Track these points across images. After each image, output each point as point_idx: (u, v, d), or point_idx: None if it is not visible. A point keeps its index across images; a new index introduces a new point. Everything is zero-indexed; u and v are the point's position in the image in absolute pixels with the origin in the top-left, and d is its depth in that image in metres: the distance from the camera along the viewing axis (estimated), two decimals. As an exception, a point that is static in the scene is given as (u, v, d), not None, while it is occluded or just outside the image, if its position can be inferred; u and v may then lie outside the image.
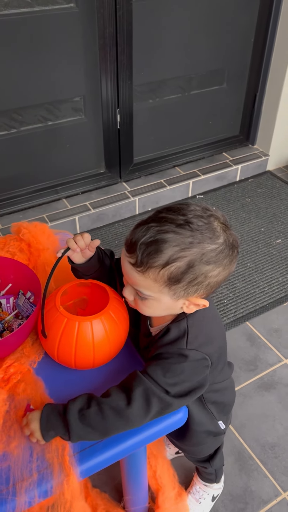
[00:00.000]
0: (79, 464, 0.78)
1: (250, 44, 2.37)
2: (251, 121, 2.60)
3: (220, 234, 0.75)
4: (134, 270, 0.75)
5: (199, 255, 0.72)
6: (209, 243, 0.73)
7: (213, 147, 2.59)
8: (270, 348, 1.70)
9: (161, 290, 0.76)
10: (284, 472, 1.33)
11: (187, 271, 0.73)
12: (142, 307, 0.81)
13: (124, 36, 1.95)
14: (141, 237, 0.73)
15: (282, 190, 2.55)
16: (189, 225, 0.73)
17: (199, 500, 1.23)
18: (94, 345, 0.86)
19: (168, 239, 0.72)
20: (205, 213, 0.75)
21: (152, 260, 0.72)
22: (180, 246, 0.72)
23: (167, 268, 0.72)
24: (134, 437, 0.84)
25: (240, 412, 1.48)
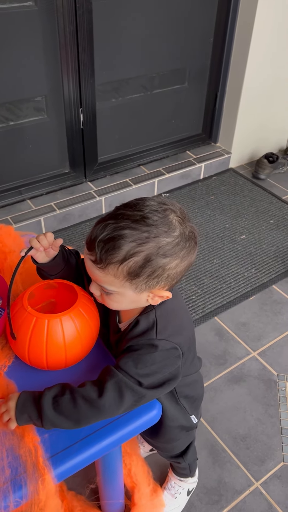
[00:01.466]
0: (54, 468, 0.78)
1: (210, 44, 2.40)
2: (213, 120, 2.65)
3: (176, 227, 0.77)
4: (95, 267, 0.77)
5: (155, 249, 0.74)
6: (165, 236, 0.75)
7: (177, 146, 2.62)
8: (238, 342, 1.73)
9: (123, 285, 0.77)
10: (256, 462, 1.37)
11: (145, 265, 0.75)
12: (109, 302, 0.83)
13: (85, 35, 1.94)
14: (99, 234, 0.75)
15: (245, 187, 2.60)
16: (145, 220, 0.74)
17: (175, 495, 1.24)
18: (65, 343, 0.85)
19: (124, 235, 0.73)
20: (161, 207, 0.77)
21: (110, 257, 0.74)
22: (136, 242, 0.73)
23: (125, 263, 0.74)
24: (109, 437, 0.83)
25: (211, 406, 1.51)
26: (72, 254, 0.97)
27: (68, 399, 0.77)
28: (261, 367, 1.64)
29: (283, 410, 1.50)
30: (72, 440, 0.81)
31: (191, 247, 0.79)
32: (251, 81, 2.45)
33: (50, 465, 0.77)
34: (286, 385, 1.58)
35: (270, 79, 2.53)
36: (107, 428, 0.84)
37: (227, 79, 2.50)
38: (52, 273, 0.94)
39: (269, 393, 1.56)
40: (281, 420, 1.48)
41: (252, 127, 2.66)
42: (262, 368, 1.64)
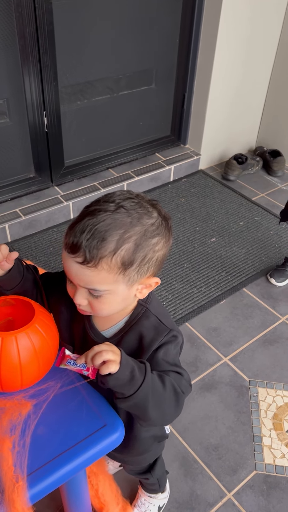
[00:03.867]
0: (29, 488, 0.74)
1: (176, 44, 2.37)
2: (181, 121, 2.62)
3: (152, 209, 0.76)
4: (84, 268, 0.73)
5: (142, 231, 0.73)
6: (147, 218, 0.74)
7: (146, 148, 2.58)
8: (209, 348, 1.71)
9: (116, 280, 0.74)
10: (228, 472, 1.34)
11: (136, 249, 0.73)
12: (98, 306, 0.78)
13: (46, 36, 1.88)
14: (81, 233, 0.72)
15: (215, 189, 2.59)
16: (122, 207, 0.73)
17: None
18: (20, 363, 0.80)
19: (108, 226, 0.71)
20: (131, 195, 0.77)
21: (101, 251, 0.71)
22: (122, 229, 0.72)
23: (118, 253, 0.72)
24: (74, 460, 0.79)
25: (183, 416, 1.48)
26: (29, 269, 0.92)
27: (157, 377, 0.77)
28: (232, 373, 1.62)
29: (255, 416, 1.49)
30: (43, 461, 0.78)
31: (170, 227, 0.79)
32: (219, 81, 2.43)
33: (26, 483, 0.74)
34: (257, 391, 1.56)
35: (237, 79, 2.52)
36: (70, 451, 0.80)
37: (194, 79, 2.48)
38: (7, 288, 0.89)
39: (241, 399, 1.54)
40: (253, 427, 1.46)
41: (220, 128, 2.65)
42: (233, 374, 1.62)
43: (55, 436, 0.82)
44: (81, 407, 0.86)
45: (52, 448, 0.80)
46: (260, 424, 1.47)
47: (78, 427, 0.84)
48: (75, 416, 0.85)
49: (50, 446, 0.81)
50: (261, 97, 2.74)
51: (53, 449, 0.80)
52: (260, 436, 1.44)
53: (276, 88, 2.67)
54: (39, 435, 0.82)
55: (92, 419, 0.85)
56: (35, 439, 0.81)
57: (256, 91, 2.68)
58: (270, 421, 1.48)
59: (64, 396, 0.87)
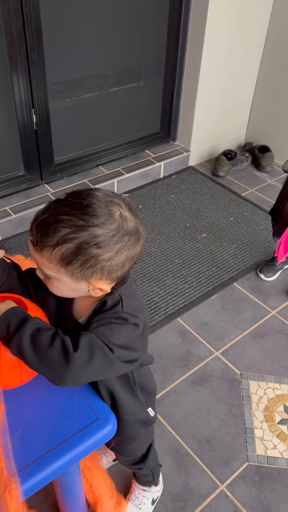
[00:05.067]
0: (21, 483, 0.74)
1: (164, 41, 2.38)
2: (170, 118, 2.63)
3: (115, 220, 0.76)
4: (33, 249, 0.78)
5: (88, 238, 0.74)
6: (101, 227, 0.75)
7: (135, 145, 2.59)
8: (201, 342, 1.72)
9: (58, 270, 0.77)
10: (221, 464, 1.36)
11: (77, 253, 0.75)
12: (50, 287, 0.83)
13: (33, 33, 1.87)
14: (40, 217, 0.76)
15: (205, 185, 2.60)
16: (85, 209, 0.75)
17: (139, 506, 1.22)
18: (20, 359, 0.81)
19: (61, 220, 0.74)
20: (105, 199, 0.77)
21: (45, 240, 0.75)
22: (71, 228, 0.74)
23: (58, 248, 0.75)
24: (67, 454, 0.80)
25: (175, 410, 1.49)
26: (13, 265, 0.92)
27: (49, 336, 0.76)
28: (224, 367, 1.64)
29: (247, 409, 1.51)
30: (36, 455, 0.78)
31: (131, 243, 0.78)
32: (207, 78, 2.44)
33: (18, 479, 0.74)
34: (249, 384, 1.58)
35: (225, 75, 2.53)
36: (62, 446, 0.81)
37: (182, 76, 2.48)
38: None
39: (233, 392, 1.55)
40: (244, 419, 1.48)
41: (209, 124, 2.66)
42: (225, 367, 1.63)
43: (47, 431, 0.83)
44: (73, 402, 0.87)
45: (44, 443, 0.81)
46: (251, 417, 1.48)
47: (70, 421, 0.84)
48: (66, 411, 0.85)
49: (42, 441, 0.81)
50: (249, 93, 2.75)
51: (45, 443, 0.81)
52: (252, 428, 1.45)
53: (264, 84, 2.69)
54: (31, 430, 0.82)
55: (83, 413, 0.85)
56: (27, 434, 0.82)
57: (244, 87, 2.70)
58: (261, 413, 1.49)
59: (55, 391, 0.87)
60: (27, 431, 0.82)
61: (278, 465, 1.36)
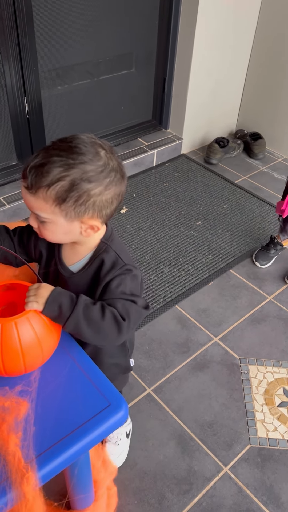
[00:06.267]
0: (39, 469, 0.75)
1: (155, 28, 2.35)
2: (162, 106, 2.61)
3: (101, 158, 0.83)
4: (27, 193, 0.83)
5: (79, 174, 0.81)
6: (90, 164, 0.81)
7: (128, 133, 2.57)
8: (200, 329, 1.74)
9: (53, 211, 0.83)
10: (224, 447, 1.38)
11: (70, 189, 0.81)
12: (44, 232, 0.88)
13: (25, 19, 1.84)
14: (31, 162, 0.81)
15: (198, 173, 2.60)
16: (72, 149, 0.81)
17: (116, 443, 1.30)
18: (22, 348, 0.81)
19: (53, 161, 0.80)
20: (90, 140, 0.84)
21: (39, 181, 0.80)
22: (63, 167, 0.80)
23: (52, 187, 0.80)
24: (81, 441, 0.80)
25: (177, 396, 1.51)
26: (2, 229, 1.01)
27: (98, 309, 0.85)
28: (223, 352, 1.65)
29: (247, 393, 1.53)
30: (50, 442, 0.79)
31: (117, 179, 0.85)
32: (198, 65, 2.43)
33: (35, 465, 0.75)
34: (248, 368, 1.60)
35: (217, 62, 2.52)
36: (76, 432, 0.81)
37: (174, 63, 2.47)
38: None
39: (233, 377, 1.58)
40: (245, 403, 1.50)
41: (201, 111, 2.65)
42: (224, 353, 1.65)
43: (60, 418, 0.83)
44: (85, 389, 0.87)
45: (58, 430, 0.81)
46: (252, 400, 1.51)
47: (83, 408, 0.85)
48: (79, 398, 0.86)
49: (56, 428, 0.82)
50: (241, 80, 2.75)
51: (59, 431, 0.81)
52: (252, 411, 1.48)
53: (255, 71, 2.68)
54: (45, 418, 0.83)
55: (96, 399, 0.86)
56: (40, 421, 0.82)
57: (236, 75, 2.69)
58: (261, 396, 1.52)
59: (67, 378, 0.88)
60: (40, 418, 0.82)
61: (279, 446, 1.39)
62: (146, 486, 1.28)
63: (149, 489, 1.28)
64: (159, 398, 1.49)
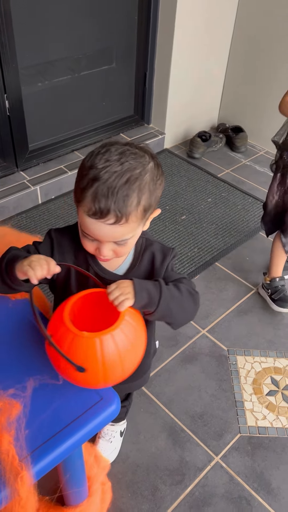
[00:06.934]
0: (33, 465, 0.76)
1: (135, 22, 2.35)
2: (144, 100, 2.61)
3: (144, 153, 0.81)
4: (116, 226, 0.79)
5: (151, 177, 0.80)
6: (147, 163, 0.80)
7: (110, 129, 2.56)
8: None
9: (139, 224, 0.82)
10: (214, 437, 1.40)
11: (151, 195, 0.81)
12: (123, 251, 0.85)
13: (2, 15, 1.81)
14: (105, 198, 0.76)
15: (181, 167, 2.61)
16: (126, 161, 0.77)
17: (110, 440, 1.31)
18: (120, 356, 0.79)
19: (126, 183, 0.76)
20: (123, 145, 0.81)
21: (129, 208, 0.77)
22: (137, 181, 0.77)
23: (141, 204, 0.79)
24: (73, 436, 0.81)
25: (167, 389, 1.52)
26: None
27: (174, 287, 0.86)
28: (211, 344, 1.67)
29: (236, 383, 1.55)
30: (44, 438, 0.79)
31: (159, 163, 0.86)
32: (179, 59, 2.43)
33: (29, 462, 0.75)
34: (236, 359, 1.63)
35: (197, 56, 2.52)
36: (69, 428, 0.81)
37: (154, 57, 2.47)
38: None
39: (221, 368, 1.60)
40: (234, 393, 1.52)
41: (183, 106, 2.66)
42: (212, 344, 1.67)
43: (52, 414, 0.83)
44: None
45: (50, 426, 0.82)
46: (241, 390, 1.53)
47: (75, 403, 0.85)
48: (71, 393, 0.86)
49: (49, 424, 0.82)
50: (221, 74, 2.76)
51: (52, 426, 0.81)
52: (242, 401, 1.50)
53: (235, 65, 2.70)
54: (37, 414, 0.83)
55: (88, 394, 0.86)
56: (33, 417, 0.82)
57: (216, 68, 2.70)
58: (250, 386, 1.54)
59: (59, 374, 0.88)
60: (32, 414, 0.82)
61: (268, 434, 1.42)
62: (139, 479, 1.29)
63: (142, 481, 1.29)
64: (149, 391, 1.50)
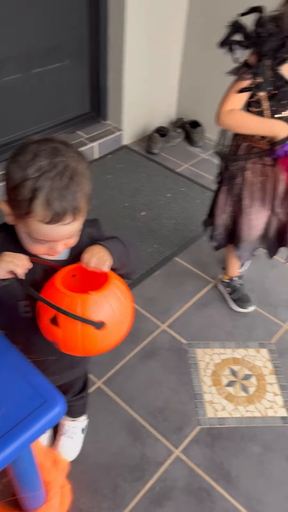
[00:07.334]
0: None
1: (85, 18, 2.32)
2: (99, 97, 2.59)
3: (64, 147, 0.82)
4: (73, 223, 0.81)
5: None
6: (76, 154, 0.82)
7: (66, 127, 2.53)
8: (148, 318, 1.76)
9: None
10: (174, 431, 1.41)
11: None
12: (73, 242, 0.89)
13: None
14: (58, 201, 0.77)
15: (140, 163, 2.61)
16: (61, 160, 0.78)
17: (71, 436, 1.32)
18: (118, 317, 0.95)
19: (70, 181, 0.78)
20: (50, 141, 0.81)
21: (80, 204, 0.80)
22: (78, 176, 0.79)
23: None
24: (16, 441, 0.80)
25: (127, 386, 1.52)
26: None
27: (115, 242, 0.96)
28: (171, 338, 1.68)
29: (195, 376, 1.56)
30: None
31: None
32: (132, 54, 2.42)
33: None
34: (195, 352, 1.64)
35: (150, 50, 2.51)
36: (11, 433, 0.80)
37: (107, 53, 2.45)
38: None
39: (181, 362, 1.61)
40: (194, 386, 1.54)
41: (139, 101, 2.65)
42: (172, 339, 1.68)
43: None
44: (19, 387, 0.86)
45: (-8, 432, 0.80)
46: (200, 383, 1.55)
47: (17, 407, 0.84)
48: (13, 397, 0.85)
49: (-9, 430, 0.81)
50: (176, 69, 2.77)
51: (-6, 432, 0.80)
52: (201, 393, 1.52)
53: (190, 58, 2.71)
54: (-22, 420, 0.81)
55: (30, 397, 0.85)
56: (-27, 424, 0.80)
57: (171, 62, 2.71)
58: (209, 378, 1.56)
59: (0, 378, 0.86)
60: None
61: (227, 424, 1.44)
62: (99, 478, 1.29)
63: (102, 480, 1.29)
64: (109, 390, 1.50)
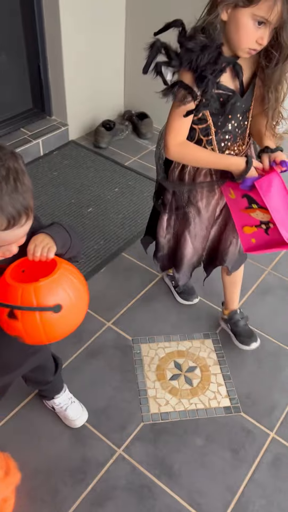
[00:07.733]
0: None
1: (17, 11, 2.25)
2: (42, 92, 2.53)
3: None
4: (28, 222, 0.83)
5: (21, 165, 0.83)
6: (8, 154, 0.82)
7: (8, 124, 2.46)
8: (93, 316, 1.73)
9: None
10: (117, 430, 1.39)
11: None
12: (24, 240, 0.90)
13: None
14: (11, 206, 0.78)
15: (88, 158, 2.57)
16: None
17: (73, 401, 1.39)
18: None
19: (15, 184, 0.79)
20: None
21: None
22: (20, 176, 0.80)
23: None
24: None
25: (70, 387, 1.48)
26: None
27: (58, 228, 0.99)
28: (116, 336, 1.66)
29: (139, 372, 1.55)
30: None
31: None
32: (70, 47, 2.36)
33: None
34: (140, 348, 1.62)
35: (89, 42, 2.46)
36: None
37: (45, 47, 2.38)
38: None
39: (126, 359, 1.59)
40: (138, 382, 1.52)
41: (83, 95, 2.60)
42: (117, 336, 1.66)
43: None
44: None
45: None
46: (144, 379, 1.53)
47: None
48: None
49: None
50: (120, 61, 2.72)
51: None
52: (145, 389, 1.50)
53: (133, 49, 2.66)
54: None
55: None
56: None
57: (113, 54, 2.66)
58: (153, 373, 1.55)
59: None
60: None
61: (171, 418, 1.43)
62: (38, 484, 1.26)
63: (41, 486, 1.26)
64: (51, 392, 1.47)
